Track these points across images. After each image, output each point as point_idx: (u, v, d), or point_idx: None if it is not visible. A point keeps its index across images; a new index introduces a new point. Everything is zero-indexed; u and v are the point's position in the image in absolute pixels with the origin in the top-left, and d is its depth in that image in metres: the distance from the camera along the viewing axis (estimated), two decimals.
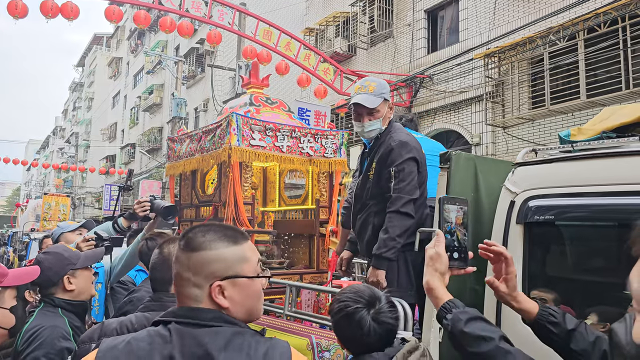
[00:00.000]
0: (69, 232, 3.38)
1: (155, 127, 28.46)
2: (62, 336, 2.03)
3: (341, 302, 1.70)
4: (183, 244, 1.27)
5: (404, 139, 2.77)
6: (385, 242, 2.62)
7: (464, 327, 1.26)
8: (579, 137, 2.17)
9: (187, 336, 1.18)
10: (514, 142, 10.77)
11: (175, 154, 4.68)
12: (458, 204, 1.49)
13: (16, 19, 10.05)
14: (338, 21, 15.42)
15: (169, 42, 27.66)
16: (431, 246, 1.40)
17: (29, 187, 69.39)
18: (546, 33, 9.63)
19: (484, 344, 1.24)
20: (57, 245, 2.51)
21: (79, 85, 53.68)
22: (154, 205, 3.14)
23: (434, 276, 1.37)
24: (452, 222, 1.45)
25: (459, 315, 1.29)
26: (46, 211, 17.13)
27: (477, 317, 1.30)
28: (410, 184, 2.67)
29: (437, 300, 1.36)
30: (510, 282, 1.43)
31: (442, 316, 1.33)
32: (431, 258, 1.38)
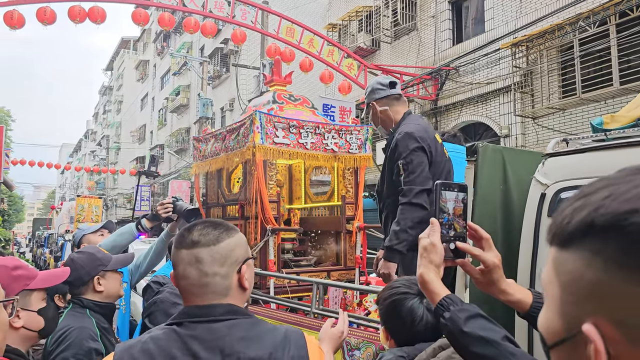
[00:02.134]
0: (91, 233, 3.43)
1: (182, 128, 28.83)
2: (90, 337, 2.06)
3: (393, 288, 1.66)
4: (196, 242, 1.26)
5: (409, 129, 2.69)
6: (397, 234, 2.58)
7: (464, 327, 1.16)
8: (613, 125, 2.08)
9: (205, 332, 1.20)
10: (544, 132, 10.51)
11: (201, 153, 4.72)
12: (456, 191, 1.33)
13: (45, 24, 10.29)
14: (361, 16, 15.31)
15: (194, 43, 27.95)
16: (425, 236, 1.26)
17: (64, 189, 71.27)
18: (575, 19, 9.35)
19: (485, 344, 1.15)
20: (90, 246, 2.56)
21: (109, 89, 54.80)
22: (177, 207, 3.17)
23: (429, 268, 1.23)
24: (449, 213, 1.31)
25: (457, 313, 1.18)
26: (79, 213, 17.55)
27: (477, 314, 1.20)
28: (421, 175, 2.60)
29: (433, 295, 1.23)
30: (488, 269, 1.27)
31: (439, 314, 1.22)
32: (425, 249, 1.24)
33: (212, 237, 1.27)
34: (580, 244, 0.55)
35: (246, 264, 1.31)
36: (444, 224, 1.30)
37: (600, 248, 0.53)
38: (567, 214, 0.57)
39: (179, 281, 1.28)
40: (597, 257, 0.53)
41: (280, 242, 3.98)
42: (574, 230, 0.55)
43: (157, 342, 1.20)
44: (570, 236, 0.56)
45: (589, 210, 0.54)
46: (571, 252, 0.56)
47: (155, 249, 3.10)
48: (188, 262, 1.25)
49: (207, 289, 1.25)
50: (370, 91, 2.85)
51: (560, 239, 0.58)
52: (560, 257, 0.58)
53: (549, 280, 0.60)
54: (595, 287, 0.53)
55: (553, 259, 0.59)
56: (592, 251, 0.53)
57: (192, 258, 1.25)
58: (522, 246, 2.07)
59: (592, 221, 0.53)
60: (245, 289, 1.30)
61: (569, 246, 0.56)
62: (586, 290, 0.54)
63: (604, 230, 0.53)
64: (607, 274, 0.52)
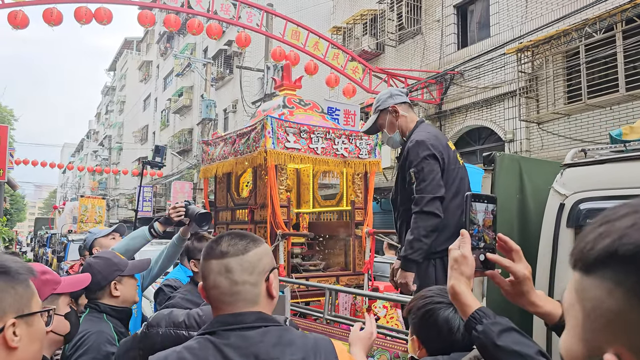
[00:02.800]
0: (102, 237, 3.42)
1: (185, 129, 28.87)
2: (107, 341, 2.07)
3: (427, 298, 1.66)
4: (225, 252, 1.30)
5: (421, 137, 2.70)
6: (411, 244, 2.58)
7: (497, 340, 1.16)
8: (632, 137, 2.08)
9: (239, 339, 1.24)
10: (549, 137, 10.51)
11: (209, 156, 4.73)
12: (486, 202, 1.34)
13: (52, 25, 10.31)
14: (365, 19, 15.33)
15: (198, 44, 28.00)
16: (455, 247, 1.26)
17: (65, 189, 71.30)
18: (582, 25, 9.35)
19: (519, 359, 1.14)
20: (106, 251, 2.57)
21: (111, 89, 54.89)
22: (189, 210, 3.14)
23: (460, 280, 1.23)
24: (479, 225, 1.32)
25: (490, 326, 1.18)
26: (83, 213, 17.56)
27: (511, 328, 1.20)
28: (432, 182, 2.60)
29: (464, 307, 1.23)
30: (518, 281, 1.27)
31: (471, 326, 1.21)
32: (456, 261, 1.24)
33: (241, 247, 1.32)
34: (602, 271, 0.55)
35: (273, 272, 1.35)
36: (474, 235, 1.30)
37: (623, 278, 0.52)
38: (590, 240, 0.57)
39: (210, 291, 1.31)
40: (620, 287, 0.53)
41: (290, 247, 3.99)
42: (597, 257, 0.55)
43: (193, 351, 1.23)
44: (593, 263, 0.56)
45: (613, 239, 0.54)
46: (593, 279, 0.56)
47: (167, 253, 3.10)
48: (218, 272, 1.29)
49: (238, 297, 1.28)
50: (388, 96, 2.85)
51: (583, 265, 0.57)
52: (583, 283, 0.57)
53: (570, 304, 0.60)
54: (617, 317, 0.53)
55: (575, 284, 0.59)
56: (614, 280, 0.53)
57: (222, 268, 1.29)
58: (540, 256, 2.07)
59: (616, 250, 0.53)
60: (273, 297, 1.35)
61: (591, 272, 0.56)
62: (607, 319, 0.54)
63: (626, 260, 0.52)
64: (629, 304, 0.52)
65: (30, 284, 1.08)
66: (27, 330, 1.03)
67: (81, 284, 1.92)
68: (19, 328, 1.01)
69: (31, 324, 1.05)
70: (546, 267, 2.03)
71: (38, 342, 1.08)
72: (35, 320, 1.07)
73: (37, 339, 1.07)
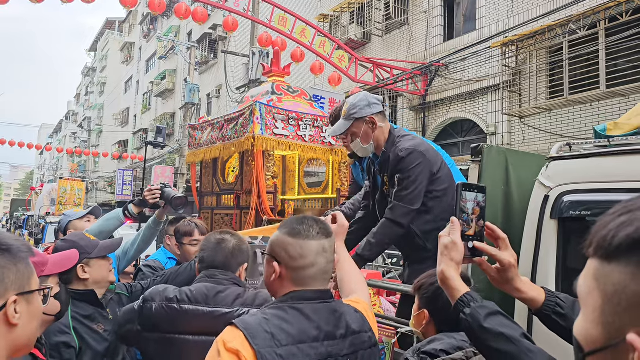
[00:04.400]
0: (77, 219, 3.39)
1: (167, 113, 28.54)
2: (59, 330, 2.01)
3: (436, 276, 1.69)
4: (321, 234, 1.47)
5: (410, 145, 2.59)
6: (371, 246, 2.58)
7: (484, 323, 1.21)
8: (615, 132, 2.15)
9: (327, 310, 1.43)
10: (530, 132, 10.68)
11: (196, 141, 4.71)
12: (476, 191, 1.39)
13: (34, 2, 10.09)
14: (353, 8, 15.28)
15: (182, 27, 27.60)
16: (446, 234, 1.31)
17: (42, 171, 70.07)
18: (566, 21, 9.48)
19: (505, 341, 1.19)
20: (75, 233, 2.51)
21: (92, 70, 53.87)
22: (165, 193, 3.12)
23: (450, 266, 1.28)
24: (468, 213, 1.36)
25: (477, 309, 1.23)
26: (62, 195, 17.31)
27: (497, 311, 1.24)
28: (413, 193, 2.54)
29: (453, 291, 1.28)
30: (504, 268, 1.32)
31: (459, 309, 1.26)
32: (446, 247, 1.29)
33: (328, 229, 1.52)
34: (626, 257, 0.58)
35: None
36: (463, 224, 1.34)
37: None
38: (613, 228, 0.60)
39: (307, 270, 1.44)
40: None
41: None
42: (621, 244, 0.59)
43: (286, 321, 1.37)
44: (616, 250, 0.59)
45: (637, 226, 0.58)
46: (616, 265, 0.59)
47: (142, 236, 3.05)
48: (317, 252, 1.44)
49: (327, 275, 1.48)
50: (366, 105, 2.67)
51: (604, 252, 0.61)
52: (603, 270, 0.61)
53: (588, 290, 0.63)
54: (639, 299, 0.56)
55: (594, 271, 0.62)
56: (639, 265, 0.57)
57: (320, 248, 1.45)
58: (523, 247, 2.13)
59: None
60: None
61: (614, 259, 0.59)
62: (629, 302, 0.57)
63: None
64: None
65: (30, 262, 1.09)
66: (27, 308, 1.04)
67: (69, 262, 1.91)
68: (20, 305, 1.02)
69: (31, 302, 1.06)
70: (530, 257, 2.09)
71: (36, 320, 1.09)
72: (35, 299, 1.08)
73: (35, 317, 1.09)
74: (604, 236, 0.61)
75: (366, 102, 2.68)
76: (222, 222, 4.40)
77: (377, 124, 2.68)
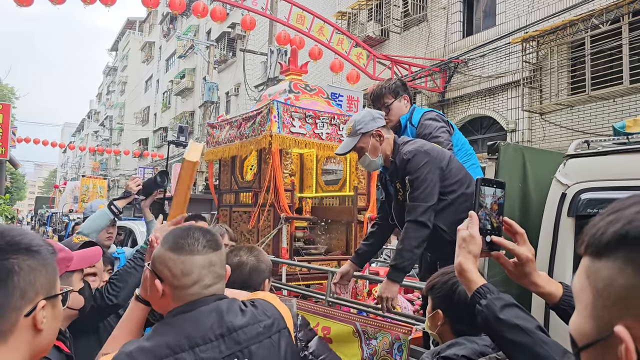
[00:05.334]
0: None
1: (187, 111, 28.81)
2: None
3: (451, 273, 1.67)
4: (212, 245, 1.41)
5: (413, 147, 2.64)
6: (402, 253, 2.54)
7: (499, 314, 1.23)
8: (635, 129, 2.12)
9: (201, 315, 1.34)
10: (551, 128, 10.53)
11: (215, 139, 4.75)
12: (495, 187, 1.40)
13: (55, 4, 10.27)
14: (371, 5, 15.23)
15: (201, 26, 27.81)
16: (464, 227, 1.33)
17: (65, 169, 71.29)
18: (588, 16, 9.32)
19: (520, 332, 1.21)
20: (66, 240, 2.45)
21: (113, 70, 54.64)
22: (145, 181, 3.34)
23: (468, 259, 1.30)
24: (487, 208, 1.37)
25: (494, 301, 1.25)
26: (84, 193, 17.62)
27: (512, 304, 1.26)
28: (425, 190, 2.55)
29: (470, 283, 1.31)
30: (521, 262, 1.33)
31: (475, 301, 1.28)
32: (464, 240, 1.31)
33: (217, 241, 1.43)
34: (614, 253, 0.61)
35: None
36: (481, 218, 1.35)
37: (634, 257, 0.58)
38: (602, 226, 0.63)
39: (191, 288, 1.35)
40: (629, 265, 0.58)
41: (293, 230, 4.04)
42: (609, 241, 0.61)
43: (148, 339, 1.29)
44: (605, 246, 0.62)
45: (623, 223, 0.60)
46: (605, 261, 0.61)
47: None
48: (202, 267, 1.36)
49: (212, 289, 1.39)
50: (370, 119, 2.72)
51: (594, 250, 0.63)
52: (593, 266, 0.63)
53: (581, 287, 0.66)
54: (627, 292, 0.58)
55: (586, 268, 0.64)
56: (625, 259, 0.59)
57: (207, 262, 1.37)
58: (540, 244, 2.13)
59: (627, 233, 0.59)
60: None
61: (603, 255, 0.62)
62: (617, 295, 0.59)
63: (636, 241, 0.59)
64: (637, 279, 0.58)
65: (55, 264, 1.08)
66: (51, 312, 1.03)
67: (92, 259, 1.96)
68: (46, 310, 1.00)
69: (55, 305, 1.05)
70: (547, 254, 2.08)
71: (58, 322, 1.08)
72: (58, 302, 1.07)
73: (57, 320, 1.07)
74: (594, 234, 0.64)
75: (370, 117, 2.74)
76: (240, 220, 4.44)
77: (384, 136, 2.72)
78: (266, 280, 2.03)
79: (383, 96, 3.33)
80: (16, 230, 1.00)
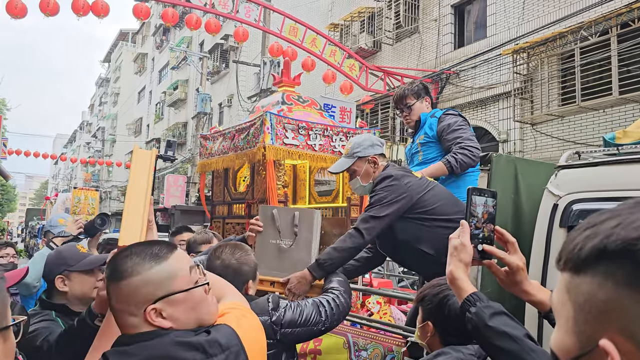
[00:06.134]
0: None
1: (179, 122, 28.80)
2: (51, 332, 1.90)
3: (442, 285, 1.69)
4: (109, 274, 1.22)
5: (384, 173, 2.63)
6: (330, 252, 2.47)
7: (488, 321, 1.25)
8: (625, 140, 2.15)
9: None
10: (542, 139, 10.62)
11: (207, 151, 4.75)
12: (486, 196, 1.43)
13: (47, 15, 10.26)
14: (363, 17, 15.36)
15: (194, 38, 27.91)
16: (456, 236, 1.36)
17: (57, 180, 70.89)
18: (577, 28, 9.45)
19: (508, 339, 1.23)
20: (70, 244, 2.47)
21: (105, 81, 54.57)
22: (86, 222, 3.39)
23: (459, 267, 1.33)
24: (478, 217, 1.40)
25: (483, 309, 1.28)
26: (76, 205, 17.44)
27: (502, 312, 1.29)
28: (376, 204, 2.51)
29: (460, 291, 1.33)
30: (512, 271, 1.34)
31: (465, 309, 1.31)
32: (455, 248, 1.34)
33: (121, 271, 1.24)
34: (593, 268, 0.60)
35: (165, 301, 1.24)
36: (473, 227, 1.38)
37: (613, 271, 0.58)
38: (579, 242, 0.63)
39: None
40: (609, 279, 0.58)
41: None
42: (588, 256, 0.61)
43: None
44: (583, 261, 0.61)
45: (600, 238, 0.60)
46: (584, 276, 0.61)
47: None
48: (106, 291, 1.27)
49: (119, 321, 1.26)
50: (370, 145, 2.72)
51: (573, 265, 0.63)
52: (573, 281, 0.63)
53: (561, 302, 0.65)
54: (608, 306, 0.58)
55: (566, 283, 0.64)
56: (605, 274, 0.59)
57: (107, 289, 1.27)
58: (533, 256, 2.13)
59: (605, 247, 0.59)
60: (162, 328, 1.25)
61: (582, 271, 0.61)
62: (599, 309, 0.59)
63: (615, 255, 0.58)
64: (618, 293, 0.57)
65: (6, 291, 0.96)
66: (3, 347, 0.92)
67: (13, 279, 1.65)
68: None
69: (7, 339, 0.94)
70: (539, 265, 2.09)
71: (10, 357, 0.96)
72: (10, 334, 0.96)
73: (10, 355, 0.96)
74: (572, 250, 0.64)
75: (370, 143, 2.74)
76: (233, 231, 4.43)
77: (379, 164, 2.71)
78: (249, 281, 1.99)
79: (406, 97, 3.51)
80: None
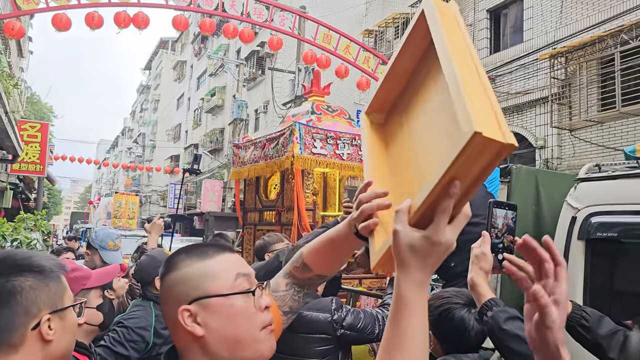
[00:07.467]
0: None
1: (217, 129, 29.34)
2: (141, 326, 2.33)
3: (444, 298, 1.78)
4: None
5: None
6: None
7: (503, 325, 1.37)
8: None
9: None
10: (581, 145, 10.37)
11: (240, 159, 4.89)
12: (506, 209, 1.50)
13: (93, 29, 10.72)
14: (397, 22, 15.35)
15: (231, 45, 28.43)
16: (477, 246, 1.44)
17: (100, 184, 73.19)
18: (617, 32, 9.21)
19: (520, 342, 1.32)
20: (157, 249, 2.91)
21: (146, 88, 56.09)
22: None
23: (479, 274, 1.42)
24: (499, 229, 1.48)
25: (499, 313, 1.39)
26: (117, 209, 18.08)
27: (516, 316, 1.39)
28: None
29: (480, 297, 1.44)
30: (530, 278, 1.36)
31: (483, 313, 1.43)
32: (477, 257, 1.43)
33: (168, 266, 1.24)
34: None
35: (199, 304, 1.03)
36: (494, 236, 1.47)
37: None
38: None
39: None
40: None
41: None
42: None
43: None
44: None
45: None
46: None
47: None
48: None
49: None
50: None
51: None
52: None
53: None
54: None
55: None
56: None
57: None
58: None
59: None
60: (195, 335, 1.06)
61: None
62: None
63: None
64: None
65: (63, 279, 1.15)
66: (60, 324, 1.10)
67: (108, 276, 2.07)
68: (54, 322, 1.08)
69: (64, 318, 1.12)
70: None
71: (71, 333, 1.16)
72: (68, 314, 1.15)
73: (70, 331, 1.15)
74: None
75: None
76: None
77: None
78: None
79: None
80: (20, 254, 1.10)
